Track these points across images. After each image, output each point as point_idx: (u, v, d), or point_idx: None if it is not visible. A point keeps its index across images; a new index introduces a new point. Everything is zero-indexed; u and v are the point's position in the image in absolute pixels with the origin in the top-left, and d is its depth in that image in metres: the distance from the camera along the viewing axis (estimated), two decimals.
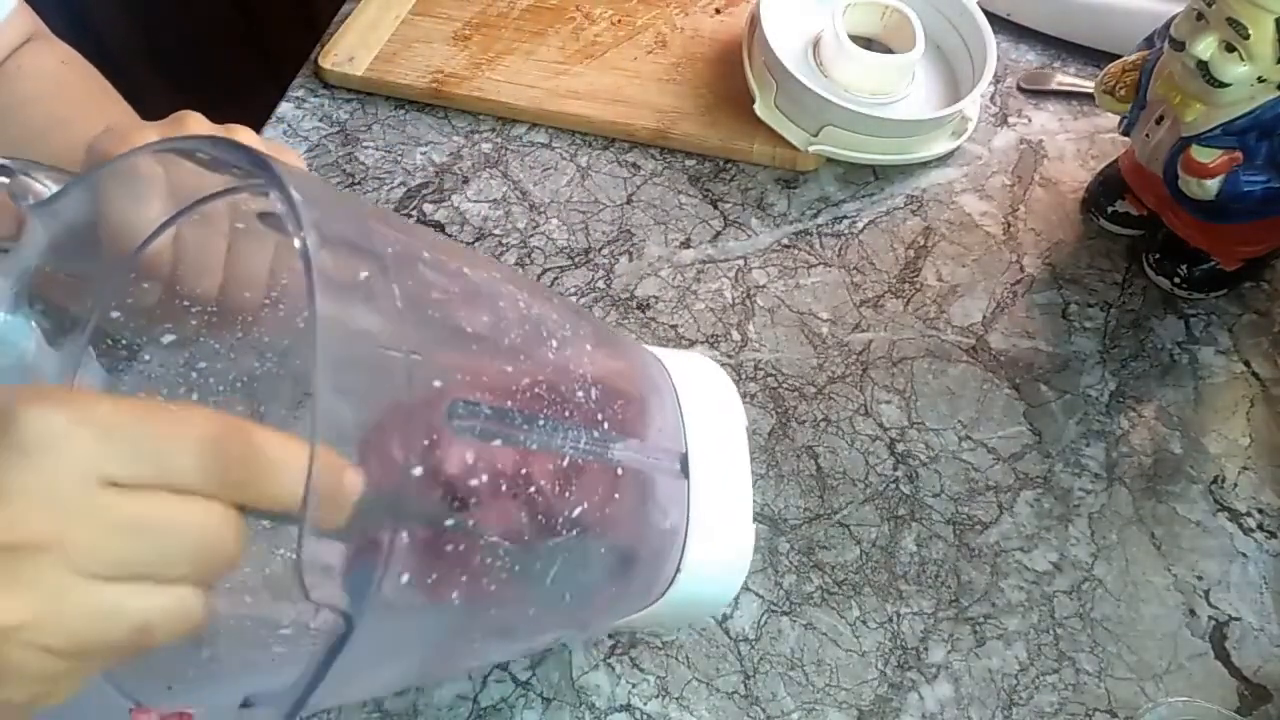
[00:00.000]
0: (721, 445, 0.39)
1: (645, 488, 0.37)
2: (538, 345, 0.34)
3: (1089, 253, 0.62)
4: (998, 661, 0.47)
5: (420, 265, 0.31)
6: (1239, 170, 0.51)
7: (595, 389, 0.35)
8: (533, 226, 0.63)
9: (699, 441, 0.38)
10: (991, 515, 0.51)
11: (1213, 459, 0.53)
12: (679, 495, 0.37)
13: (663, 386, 0.39)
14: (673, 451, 0.37)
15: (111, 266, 0.34)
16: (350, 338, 0.25)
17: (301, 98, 0.70)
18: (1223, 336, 0.58)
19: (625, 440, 0.35)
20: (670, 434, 0.38)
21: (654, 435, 0.37)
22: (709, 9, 0.74)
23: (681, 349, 0.57)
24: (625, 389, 0.37)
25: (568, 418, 0.33)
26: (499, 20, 0.73)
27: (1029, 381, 0.56)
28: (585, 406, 0.34)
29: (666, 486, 0.37)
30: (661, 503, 0.37)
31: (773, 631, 0.48)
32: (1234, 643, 0.47)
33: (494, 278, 0.36)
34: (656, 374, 0.40)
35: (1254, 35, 0.46)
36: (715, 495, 0.37)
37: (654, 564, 0.37)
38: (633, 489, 0.36)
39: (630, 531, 0.37)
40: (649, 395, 0.38)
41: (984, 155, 0.67)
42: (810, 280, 0.61)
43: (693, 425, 0.38)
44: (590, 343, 0.37)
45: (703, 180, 0.66)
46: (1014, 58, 0.72)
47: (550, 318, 0.36)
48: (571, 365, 0.35)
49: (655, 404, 0.38)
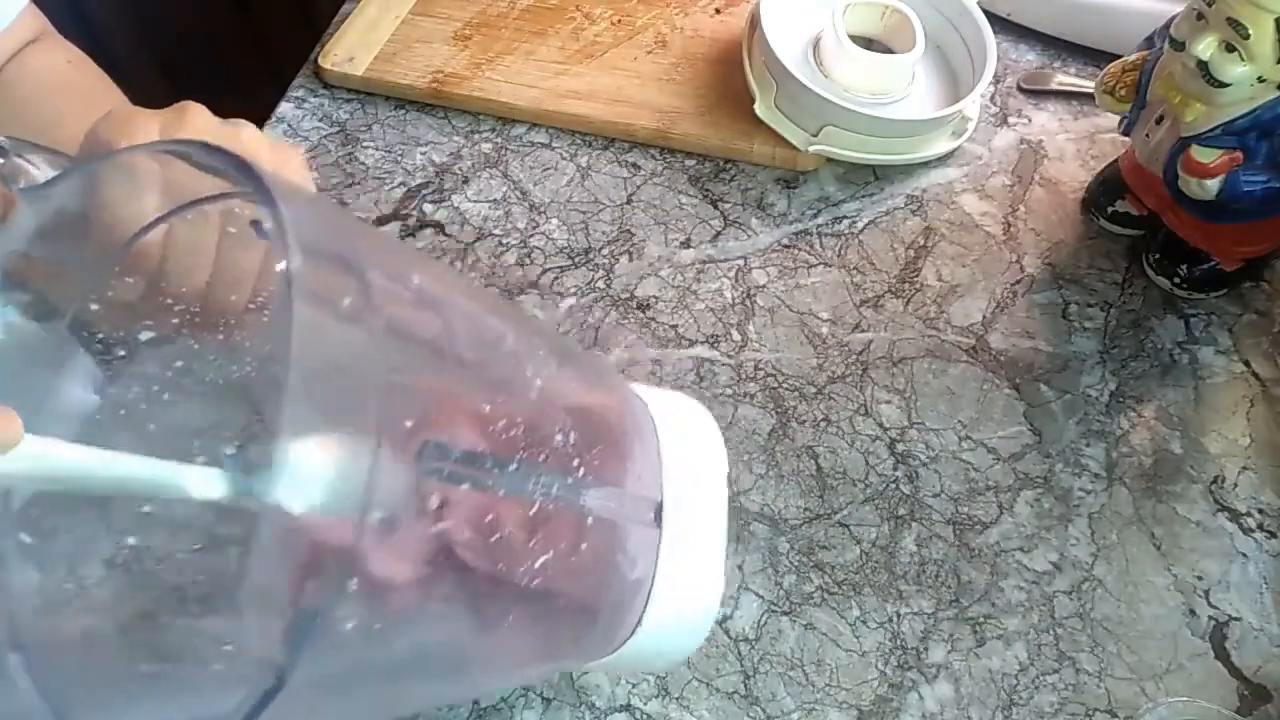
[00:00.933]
0: (699, 495, 0.37)
1: (616, 538, 0.35)
2: (521, 383, 0.33)
3: (1089, 253, 0.62)
4: (998, 661, 0.47)
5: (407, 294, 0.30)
6: (1239, 170, 0.51)
7: (575, 432, 0.33)
8: (533, 226, 0.63)
9: (676, 490, 0.36)
10: (991, 515, 0.51)
11: (1213, 459, 0.53)
12: (649, 546, 0.35)
13: (645, 430, 0.37)
14: (648, 500, 0.36)
15: (97, 258, 0.34)
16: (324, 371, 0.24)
17: (301, 98, 0.70)
18: (1223, 336, 0.58)
19: (600, 487, 0.34)
20: (647, 481, 0.36)
21: (631, 482, 0.36)
22: (709, 9, 0.74)
23: (678, 354, 0.57)
24: (606, 432, 0.36)
25: (543, 462, 0.32)
26: (499, 20, 0.73)
27: (1029, 381, 0.56)
28: (563, 450, 0.33)
29: (638, 537, 0.35)
30: (631, 553, 0.35)
31: (773, 631, 0.48)
32: (1234, 643, 0.47)
33: (483, 309, 0.35)
34: (640, 415, 0.38)
35: (1254, 35, 0.46)
36: (687, 547, 0.36)
37: (616, 615, 0.36)
38: (602, 539, 0.34)
39: (595, 582, 0.35)
40: (630, 440, 0.37)
41: (984, 155, 0.67)
42: (810, 280, 0.61)
43: (672, 472, 0.36)
44: (575, 382, 0.36)
45: (703, 180, 0.66)
46: (1014, 58, 0.72)
47: (537, 354, 0.35)
48: (553, 406, 0.34)
49: (636, 449, 0.37)
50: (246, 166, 0.26)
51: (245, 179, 0.26)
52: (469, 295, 0.36)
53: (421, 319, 0.30)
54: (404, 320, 0.29)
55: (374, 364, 0.26)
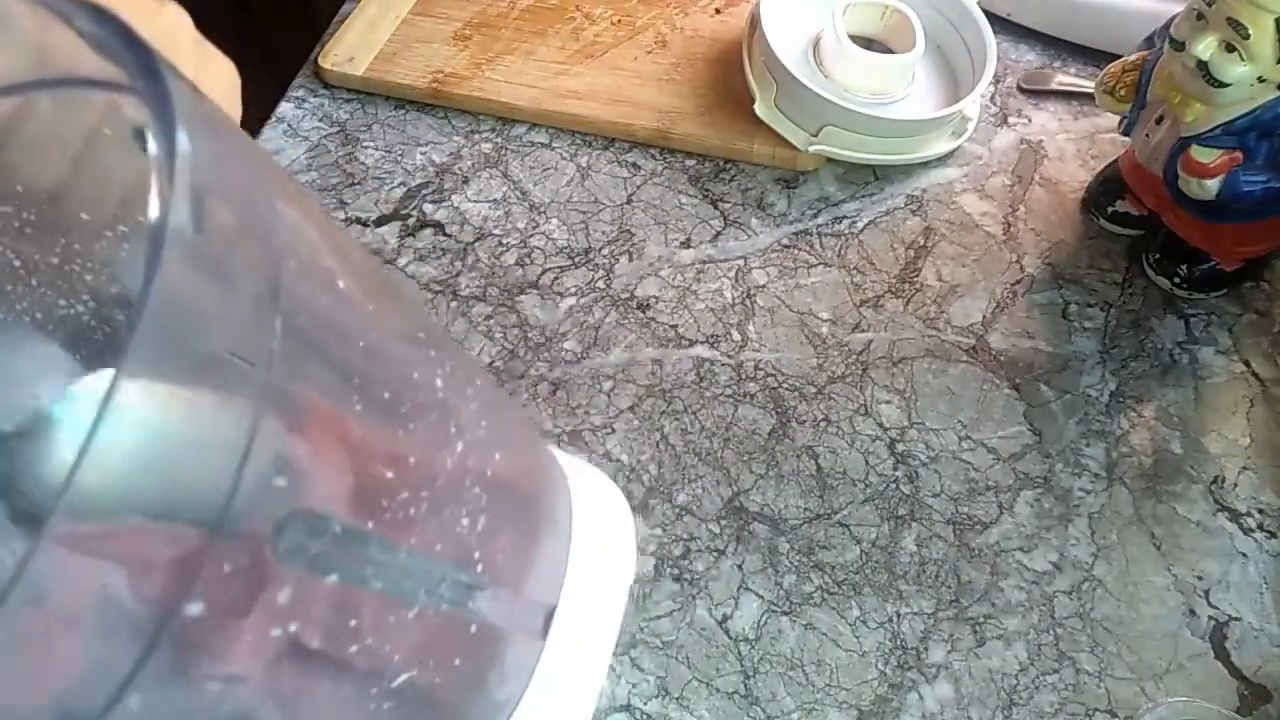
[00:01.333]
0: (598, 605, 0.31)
1: (495, 648, 0.29)
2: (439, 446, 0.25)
3: (1089, 253, 0.62)
4: (998, 661, 0.47)
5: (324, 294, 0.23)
6: (1239, 170, 0.51)
7: (485, 517, 0.26)
8: (533, 226, 0.63)
9: (576, 593, 0.30)
10: (991, 515, 0.51)
11: (1213, 459, 0.53)
12: (528, 660, 0.29)
13: (560, 520, 0.31)
14: (541, 606, 0.29)
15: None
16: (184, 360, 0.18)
17: (301, 98, 0.70)
18: (1223, 336, 0.58)
19: (495, 588, 0.27)
20: (546, 583, 0.30)
21: (529, 584, 0.29)
22: (709, 9, 0.74)
23: (678, 355, 0.57)
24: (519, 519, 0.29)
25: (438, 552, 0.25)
26: (499, 20, 0.73)
27: (1029, 381, 0.56)
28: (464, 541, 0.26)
29: (519, 648, 0.29)
30: (506, 668, 0.29)
31: (773, 631, 0.48)
32: (1234, 643, 0.47)
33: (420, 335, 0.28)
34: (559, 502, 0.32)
35: (1254, 35, 0.46)
36: (567, 666, 0.30)
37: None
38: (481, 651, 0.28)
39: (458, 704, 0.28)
40: (542, 531, 0.30)
41: (984, 155, 0.67)
42: (810, 280, 0.61)
43: (576, 571, 0.30)
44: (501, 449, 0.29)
45: (703, 180, 0.66)
46: (1014, 58, 0.72)
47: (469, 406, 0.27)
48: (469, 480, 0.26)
49: (545, 545, 0.30)
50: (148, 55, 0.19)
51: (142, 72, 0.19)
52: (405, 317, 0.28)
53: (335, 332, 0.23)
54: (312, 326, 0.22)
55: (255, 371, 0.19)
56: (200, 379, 0.19)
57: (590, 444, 0.53)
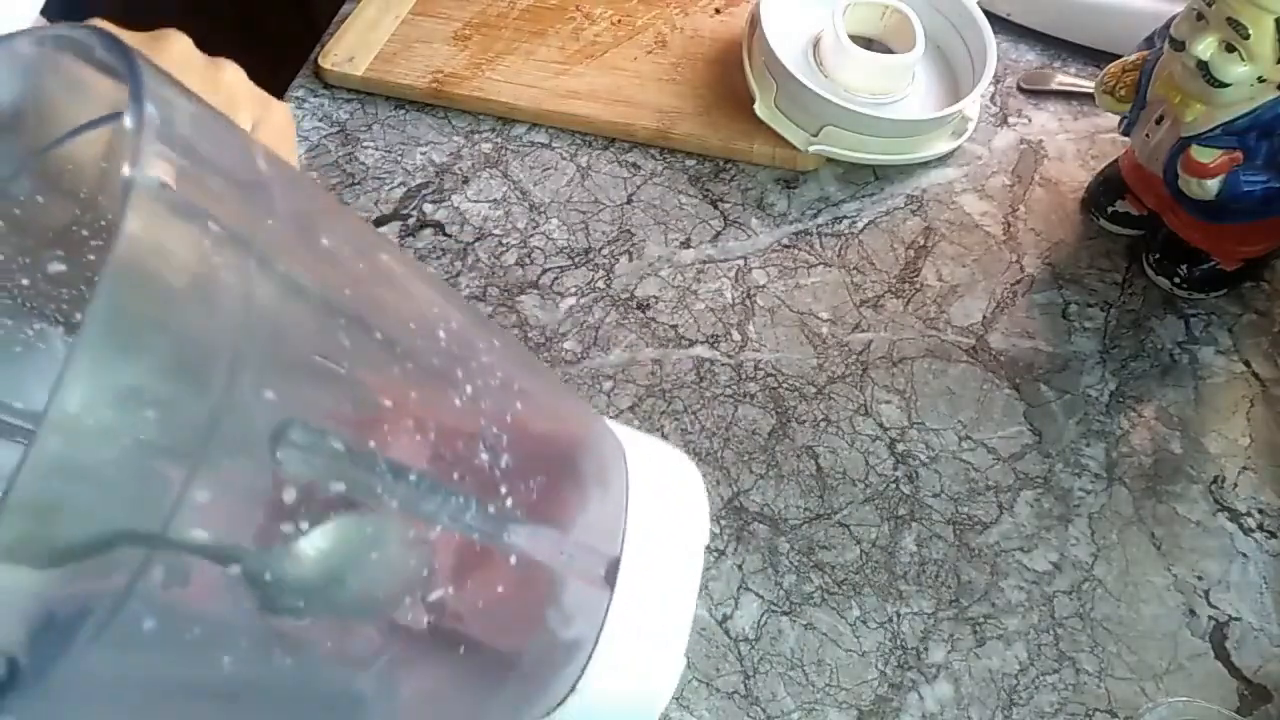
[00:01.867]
0: (668, 561, 0.32)
1: (547, 587, 0.30)
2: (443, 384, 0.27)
3: (1089, 253, 0.62)
4: (998, 661, 0.47)
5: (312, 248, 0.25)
6: (1239, 170, 0.51)
7: (510, 455, 0.28)
8: (533, 226, 0.63)
9: (640, 550, 0.31)
10: (991, 515, 0.51)
11: (1213, 459, 0.53)
12: (594, 606, 0.30)
13: (611, 474, 0.32)
14: (599, 553, 0.30)
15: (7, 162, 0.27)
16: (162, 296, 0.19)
17: (301, 98, 0.70)
18: (1223, 336, 0.58)
19: (534, 526, 0.28)
20: (602, 532, 0.31)
21: (578, 528, 0.30)
22: (709, 9, 0.74)
23: (678, 355, 0.57)
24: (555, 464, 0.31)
25: (456, 481, 0.26)
26: (499, 20, 0.73)
27: (1029, 381, 0.56)
28: (486, 474, 0.27)
29: (579, 592, 0.30)
30: (566, 609, 0.30)
31: (773, 631, 0.48)
32: (1234, 643, 0.47)
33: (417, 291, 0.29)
34: (609, 457, 0.33)
35: (1254, 35, 0.46)
36: (644, 619, 0.31)
37: (540, 676, 0.31)
38: (528, 586, 0.29)
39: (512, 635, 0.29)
40: (588, 480, 0.31)
41: (984, 155, 0.67)
42: (810, 280, 0.61)
43: (637, 530, 0.31)
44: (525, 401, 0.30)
45: (703, 180, 0.66)
46: (1014, 58, 0.72)
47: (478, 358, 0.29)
48: (484, 421, 0.28)
49: (593, 492, 0.31)
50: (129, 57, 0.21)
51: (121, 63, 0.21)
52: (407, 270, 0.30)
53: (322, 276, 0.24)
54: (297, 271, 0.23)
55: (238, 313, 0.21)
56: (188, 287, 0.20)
57: None
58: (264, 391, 0.21)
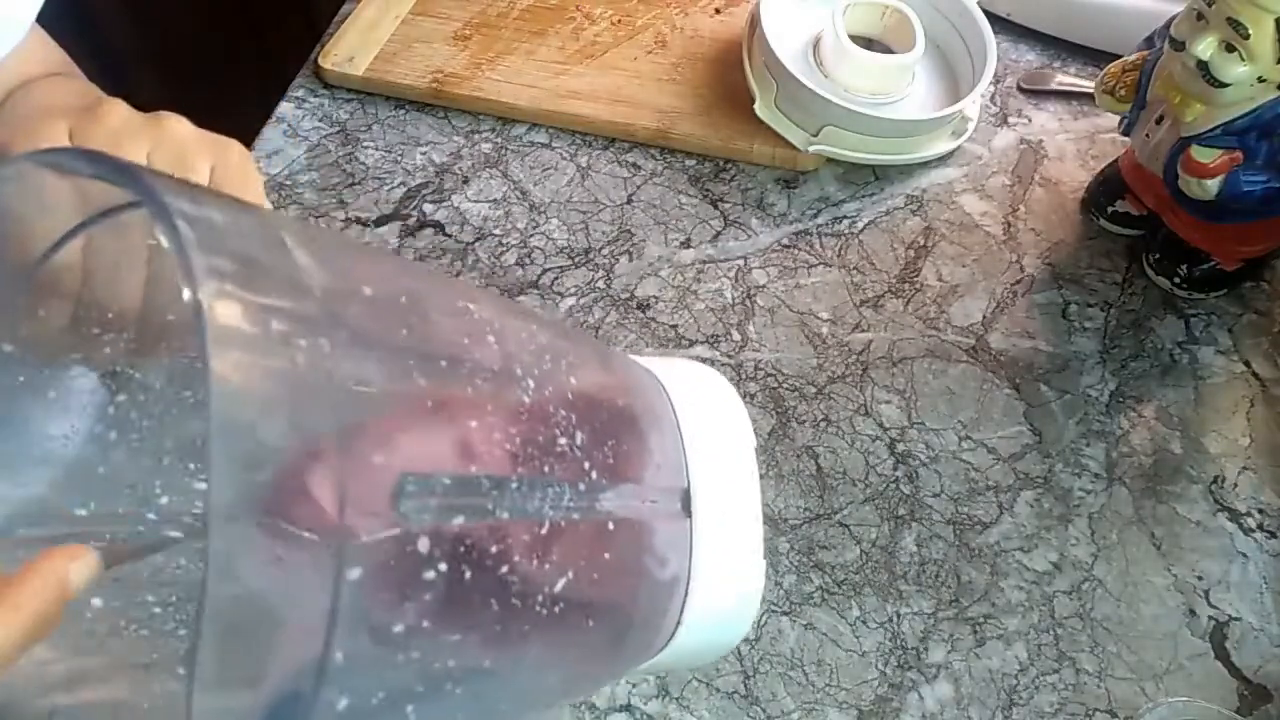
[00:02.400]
0: (728, 474, 0.34)
1: (642, 538, 0.31)
2: (511, 386, 0.28)
3: (1089, 253, 0.62)
4: (998, 661, 0.47)
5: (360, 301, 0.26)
6: (1239, 170, 0.51)
7: (582, 431, 0.29)
8: (533, 226, 0.63)
9: (703, 471, 0.33)
10: (991, 515, 0.51)
11: (1213, 459, 0.53)
12: (680, 538, 0.32)
13: (661, 412, 0.34)
14: (673, 489, 0.32)
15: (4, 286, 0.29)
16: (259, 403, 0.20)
17: (301, 98, 0.70)
18: (1223, 336, 0.58)
19: (618, 486, 0.30)
20: (670, 469, 0.32)
21: (651, 474, 0.32)
22: (709, 9, 0.74)
23: (678, 355, 0.57)
24: (618, 423, 0.32)
25: (548, 473, 0.28)
26: (499, 20, 0.73)
27: (1029, 381, 0.56)
28: (569, 455, 0.29)
29: (666, 531, 0.32)
30: (660, 551, 0.32)
31: (773, 631, 0.48)
32: (1234, 643, 0.47)
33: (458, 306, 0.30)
34: (653, 396, 0.34)
35: (1254, 35, 0.46)
36: (721, 533, 0.33)
37: (652, 621, 0.32)
38: (627, 542, 0.31)
39: (625, 592, 0.31)
40: (645, 426, 0.33)
41: (984, 155, 0.67)
42: (810, 280, 0.61)
43: (695, 453, 0.33)
44: (576, 375, 0.31)
45: (703, 180, 0.66)
46: (1014, 58, 0.72)
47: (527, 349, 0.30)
48: (552, 407, 0.29)
49: (654, 436, 0.33)
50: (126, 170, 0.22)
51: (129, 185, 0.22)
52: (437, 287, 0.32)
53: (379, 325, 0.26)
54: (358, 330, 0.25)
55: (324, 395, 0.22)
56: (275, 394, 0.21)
57: None
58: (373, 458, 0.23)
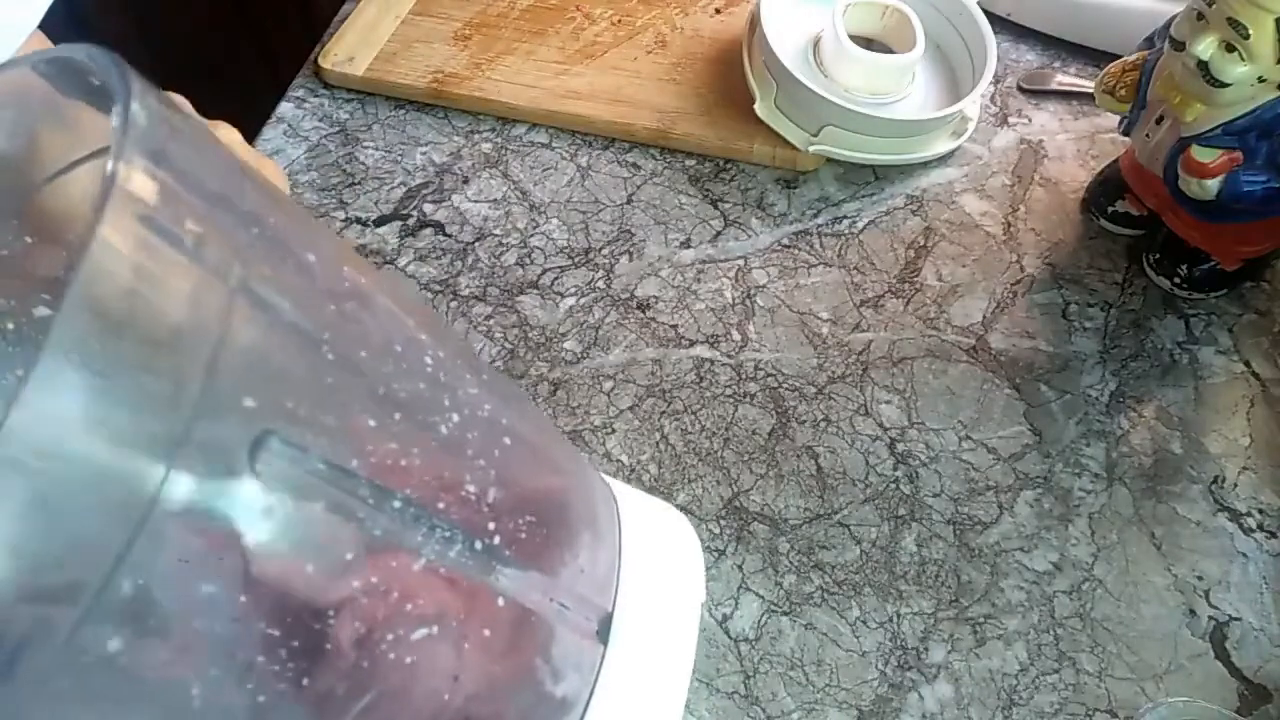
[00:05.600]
0: (663, 619, 0.31)
1: (535, 635, 0.28)
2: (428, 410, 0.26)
3: (1089, 253, 0.62)
4: (998, 661, 0.47)
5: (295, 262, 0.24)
6: (1239, 170, 0.51)
7: (497, 490, 0.27)
8: (533, 226, 0.63)
9: (634, 606, 0.30)
10: (991, 515, 0.51)
11: (1213, 459, 0.53)
12: (585, 661, 0.29)
13: (603, 525, 0.31)
14: (591, 604, 0.29)
15: None
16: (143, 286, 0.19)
17: (301, 98, 0.70)
18: (1223, 336, 0.58)
19: (522, 568, 0.27)
20: (594, 584, 0.29)
21: (568, 576, 0.29)
22: (709, 9, 0.74)
23: (678, 354, 0.57)
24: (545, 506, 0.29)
25: (441, 511, 0.25)
26: (499, 20, 0.73)
27: (1029, 381, 0.56)
28: (474, 507, 0.26)
29: (570, 645, 0.28)
30: (555, 662, 0.28)
31: (773, 631, 0.48)
32: (1234, 643, 0.47)
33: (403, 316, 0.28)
34: (600, 507, 0.32)
35: (1254, 35, 0.46)
36: (638, 675, 0.29)
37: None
38: (515, 631, 0.27)
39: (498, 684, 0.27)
40: (578, 526, 0.30)
41: (984, 155, 0.67)
42: (810, 280, 0.61)
43: (631, 585, 0.30)
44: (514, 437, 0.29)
45: (703, 180, 0.66)
46: (1014, 58, 0.72)
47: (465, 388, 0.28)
48: (471, 452, 0.26)
49: (584, 539, 0.30)
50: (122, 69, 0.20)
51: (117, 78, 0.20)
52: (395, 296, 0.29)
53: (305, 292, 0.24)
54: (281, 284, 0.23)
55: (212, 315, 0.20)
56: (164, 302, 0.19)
57: (590, 444, 0.53)
58: (244, 399, 0.20)
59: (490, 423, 0.28)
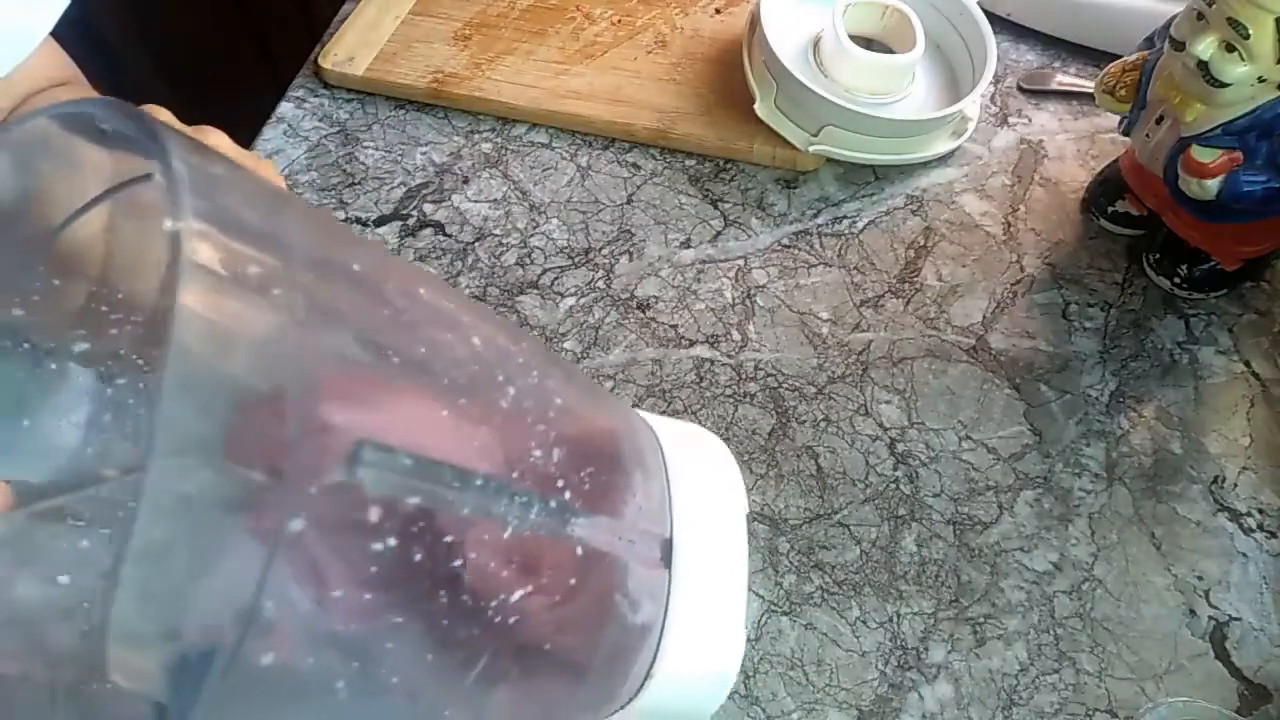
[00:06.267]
0: (715, 536, 0.33)
1: (613, 575, 0.31)
2: (488, 389, 0.28)
3: (1089, 253, 0.62)
4: (998, 661, 0.47)
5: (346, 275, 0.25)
6: (1239, 170, 0.51)
7: (559, 450, 0.29)
8: (533, 226, 0.63)
9: (688, 528, 0.32)
10: (991, 515, 0.51)
11: (1213, 459, 0.53)
12: (656, 588, 0.31)
13: (649, 459, 0.33)
14: (653, 535, 0.31)
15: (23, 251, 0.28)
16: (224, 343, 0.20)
17: (301, 98, 0.70)
18: (1223, 336, 0.58)
19: (591, 515, 0.29)
20: (652, 515, 0.32)
21: (630, 513, 0.31)
22: (709, 9, 0.74)
23: (678, 354, 0.57)
24: (599, 454, 0.31)
25: (517, 480, 0.27)
26: (499, 20, 0.73)
27: (1029, 381, 0.56)
28: (543, 469, 0.28)
29: (641, 576, 0.31)
30: (632, 594, 0.31)
31: (773, 631, 0.48)
32: (1234, 643, 0.47)
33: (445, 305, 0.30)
34: (644, 443, 0.34)
35: (1254, 35, 0.46)
36: (702, 592, 0.32)
37: (617, 665, 0.31)
38: (597, 574, 0.30)
39: (588, 623, 0.30)
40: (630, 466, 0.32)
41: (984, 155, 0.67)
42: (810, 280, 0.61)
43: (682, 508, 0.32)
44: (561, 396, 0.31)
45: (703, 180, 0.66)
46: (1014, 58, 0.72)
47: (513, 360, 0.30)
48: (531, 419, 0.29)
49: (637, 478, 0.32)
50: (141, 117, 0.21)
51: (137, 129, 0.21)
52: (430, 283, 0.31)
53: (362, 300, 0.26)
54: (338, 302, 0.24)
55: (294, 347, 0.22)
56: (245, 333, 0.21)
57: None
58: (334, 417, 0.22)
59: (540, 388, 0.30)
